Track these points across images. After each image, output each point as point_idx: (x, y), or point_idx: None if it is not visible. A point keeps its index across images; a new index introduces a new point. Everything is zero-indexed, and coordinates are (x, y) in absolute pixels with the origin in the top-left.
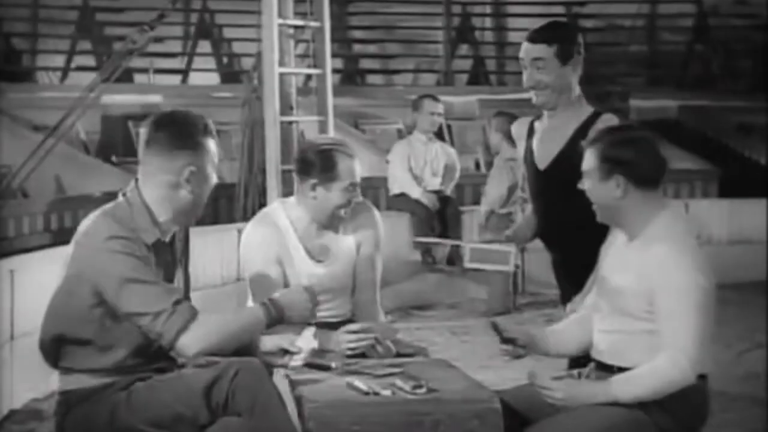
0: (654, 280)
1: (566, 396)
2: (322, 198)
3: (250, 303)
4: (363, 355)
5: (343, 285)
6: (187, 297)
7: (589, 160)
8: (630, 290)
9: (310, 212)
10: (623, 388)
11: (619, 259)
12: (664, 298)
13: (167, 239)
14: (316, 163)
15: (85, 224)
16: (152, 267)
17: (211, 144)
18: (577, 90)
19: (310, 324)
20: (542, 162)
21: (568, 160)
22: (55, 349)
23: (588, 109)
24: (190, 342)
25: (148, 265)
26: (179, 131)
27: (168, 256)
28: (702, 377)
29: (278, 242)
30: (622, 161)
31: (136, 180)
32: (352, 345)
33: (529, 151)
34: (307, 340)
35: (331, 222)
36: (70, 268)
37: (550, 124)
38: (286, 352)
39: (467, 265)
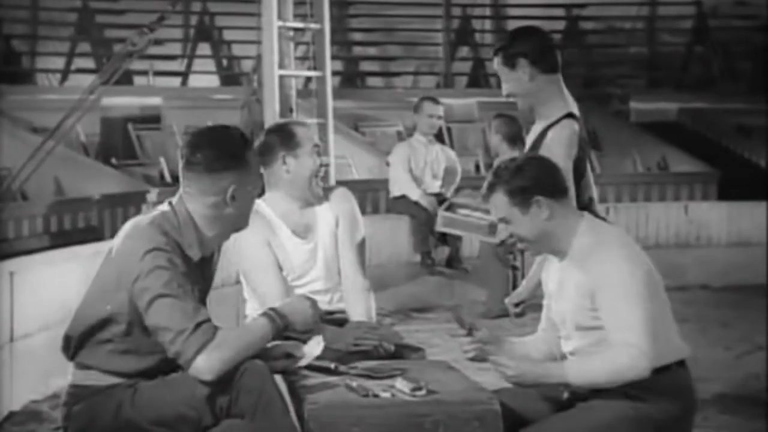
0: (591, 282)
1: (518, 373)
2: (295, 168)
3: (248, 300)
4: (364, 354)
5: (328, 263)
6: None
7: (499, 206)
8: (576, 304)
9: (287, 190)
10: (576, 371)
11: (557, 281)
12: (602, 294)
13: (208, 254)
14: (276, 140)
15: (131, 230)
16: (189, 283)
17: (252, 157)
18: (557, 92)
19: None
20: None
21: None
22: (82, 341)
23: (560, 113)
24: (206, 364)
25: (184, 281)
26: (219, 152)
27: (207, 272)
28: (681, 364)
29: (265, 228)
30: (532, 182)
31: (181, 195)
32: (357, 342)
33: None
34: (313, 347)
35: (310, 193)
36: (110, 266)
37: (534, 129)
38: (289, 356)
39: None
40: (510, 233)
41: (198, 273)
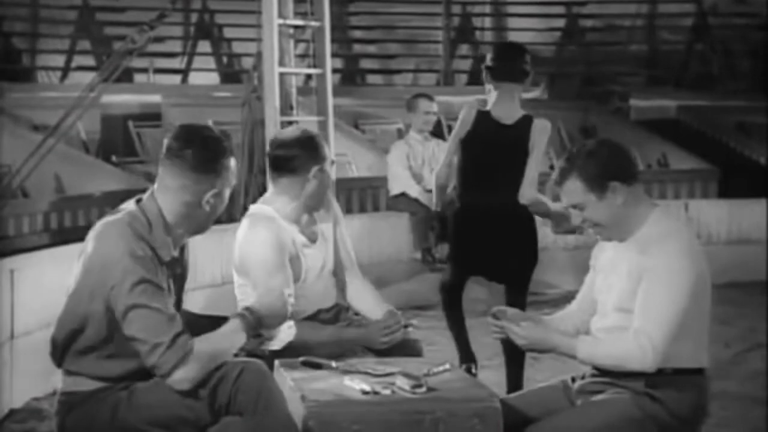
0: (643, 267)
1: (528, 341)
2: (320, 180)
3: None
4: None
5: (330, 264)
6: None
7: (573, 191)
8: (624, 287)
9: (306, 200)
10: (586, 348)
11: (611, 260)
12: (646, 280)
13: (177, 253)
14: (308, 152)
15: (102, 233)
16: (163, 286)
17: (233, 164)
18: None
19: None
20: None
21: None
22: (65, 347)
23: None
24: (184, 377)
25: (159, 287)
26: (208, 154)
27: (178, 269)
28: (700, 372)
29: (281, 231)
30: (606, 167)
31: (153, 190)
32: (386, 339)
33: None
34: (285, 332)
35: (323, 202)
36: (85, 273)
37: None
38: (258, 336)
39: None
40: (583, 219)
41: (171, 272)
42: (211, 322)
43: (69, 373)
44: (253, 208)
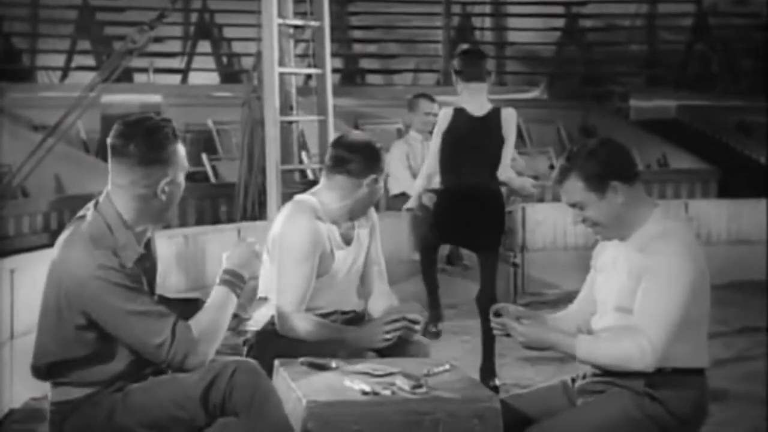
0: (643, 266)
1: (527, 339)
2: (374, 189)
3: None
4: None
5: (358, 268)
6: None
7: (573, 190)
8: (624, 286)
9: (354, 205)
10: (585, 347)
11: (612, 259)
12: (645, 279)
13: (143, 249)
14: (376, 159)
15: (65, 251)
16: (141, 285)
17: (181, 149)
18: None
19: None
20: None
21: None
22: (48, 368)
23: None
24: (197, 361)
25: (138, 288)
26: (152, 143)
27: (147, 262)
28: (700, 372)
29: (320, 226)
30: (607, 167)
31: (108, 192)
32: (388, 336)
33: None
34: (261, 314)
35: (367, 210)
36: (56, 293)
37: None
38: (235, 316)
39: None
40: (583, 219)
41: (142, 267)
42: (182, 305)
43: (57, 384)
44: (298, 196)
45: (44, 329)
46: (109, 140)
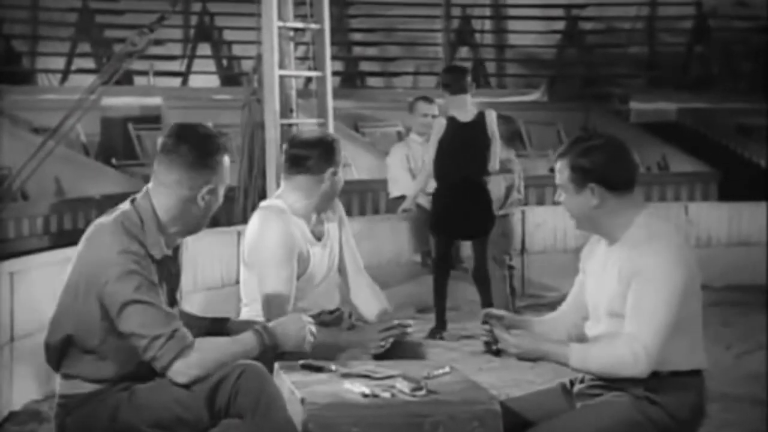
0: (632, 270)
1: (519, 350)
2: (335, 182)
3: (248, 306)
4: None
5: (336, 265)
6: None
7: (562, 172)
8: (614, 290)
9: (318, 200)
10: (578, 355)
11: (601, 263)
12: (636, 283)
13: (171, 252)
14: (328, 153)
15: (95, 233)
16: (156, 283)
17: (227, 162)
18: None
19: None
20: None
21: None
22: (60, 351)
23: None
24: (184, 369)
25: (153, 284)
26: (204, 148)
27: (172, 268)
28: (697, 374)
29: (294, 228)
30: (593, 169)
31: (148, 188)
32: (382, 343)
33: None
34: (244, 314)
35: (332, 203)
36: (77, 273)
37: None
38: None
39: None
40: (561, 200)
41: (164, 270)
42: (208, 323)
43: (66, 376)
44: (264, 202)
45: (62, 305)
46: (161, 138)
